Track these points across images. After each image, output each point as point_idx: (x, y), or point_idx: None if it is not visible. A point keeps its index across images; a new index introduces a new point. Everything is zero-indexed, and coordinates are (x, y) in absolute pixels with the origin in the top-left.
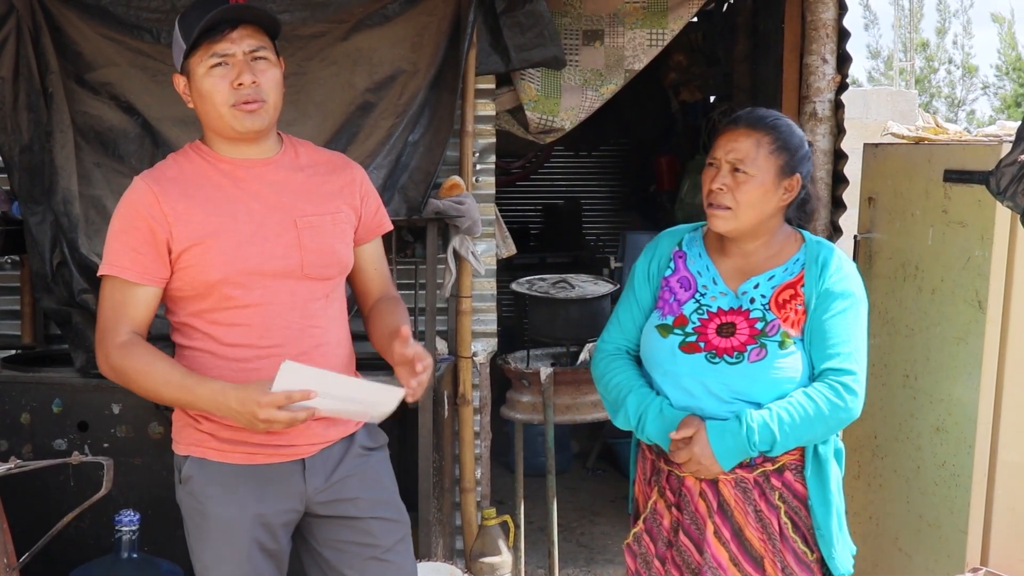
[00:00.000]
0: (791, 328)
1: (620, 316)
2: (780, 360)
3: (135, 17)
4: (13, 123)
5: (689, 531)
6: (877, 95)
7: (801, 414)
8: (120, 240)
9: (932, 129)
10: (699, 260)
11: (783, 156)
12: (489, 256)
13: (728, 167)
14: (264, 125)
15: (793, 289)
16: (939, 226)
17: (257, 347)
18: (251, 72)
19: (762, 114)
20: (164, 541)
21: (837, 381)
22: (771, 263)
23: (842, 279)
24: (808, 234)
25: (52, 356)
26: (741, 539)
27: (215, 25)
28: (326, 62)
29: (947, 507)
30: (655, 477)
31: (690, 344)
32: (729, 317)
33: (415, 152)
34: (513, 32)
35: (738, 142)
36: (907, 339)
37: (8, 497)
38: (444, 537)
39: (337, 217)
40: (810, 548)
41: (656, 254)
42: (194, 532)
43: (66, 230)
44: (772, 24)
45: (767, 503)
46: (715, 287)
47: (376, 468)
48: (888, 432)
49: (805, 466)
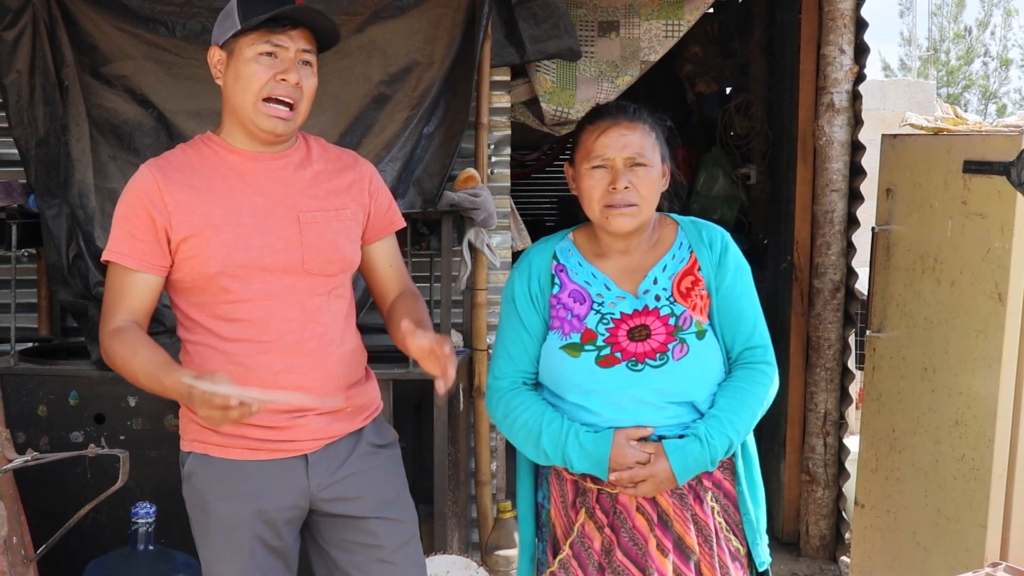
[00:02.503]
0: (700, 316)
1: (508, 347)
2: (702, 351)
3: (150, 10)
4: (29, 117)
5: (628, 549)
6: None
7: (746, 410)
8: (121, 226)
9: (951, 120)
10: (582, 269)
11: (660, 144)
12: (504, 248)
13: (624, 163)
14: (287, 132)
15: (692, 275)
16: (958, 218)
17: (256, 341)
18: (297, 73)
19: (630, 105)
20: (180, 533)
21: (760, 361)
22: (655, 254)
23: (735, 253)
24: (675, 215)
25: (69, 349)
26: (682, 548)
27: (279, 18)
28: (341, 54)
29: (966, 501)
30: (580, 498)
31: (606, 357)
32: (637, 320)
33: (430, 144)
34: (528, 23)
35: (627, 136)
36: (925, 332)
37: (25, 489)
38: (459, 530)
39: (342, 214)
40: (740, 543)
41: (533, 273)
42: (198, 528)
43: (82, 223)
44: (789, 15)
45: (702, 507)
46: (610, 293)
47: (384, 466)
48: (906, 425)
49: (735, 457)
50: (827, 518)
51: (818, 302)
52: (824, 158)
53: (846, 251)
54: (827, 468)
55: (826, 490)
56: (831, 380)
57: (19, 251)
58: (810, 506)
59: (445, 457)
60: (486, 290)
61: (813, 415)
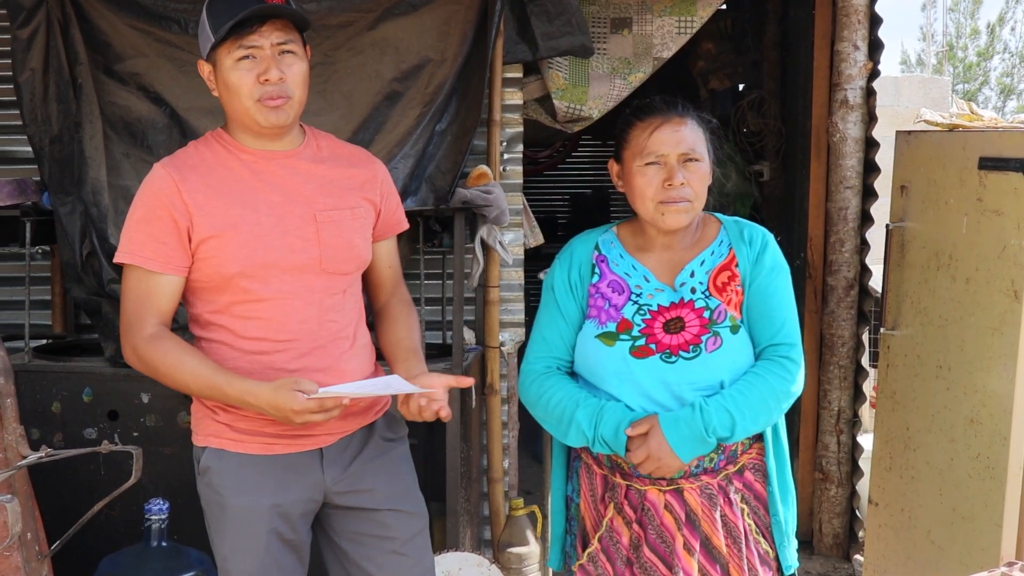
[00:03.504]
0: (734, 310)
1: (544, 333)
2: (736, 345)
3: (163, 8)
4: (43, 114)
5: (655, 546)
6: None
7: (755, 394)
8: (141, 229)
9: (967, 116)
10: (623, 261)
11: (707, 140)
12: (517, 246)
13: (678, 159)
14: (288, 120)
15: (729, 270)
16: (973, 215)
17: (273, 340)
18: (278, 67)
19: (678, 101)
20: (193, 530)
21: (784, 357)
22: (695, 249)
23: (773, 252)
24: (718, 214)
25: (82, 345)
26: (709, 548)
27: (244, 20)
28: (353, 51)
29: (981, 500)
30: (609, 493)
31: (640, 348)
32: (673, 312)
33: (442, 141)
34: (540, 20)
35: (680, 132)
36: (940, 329)
37: (39, 485)
38: (472, 527)
39: (357, 212)
40: (770, 547)
41: (574, 262)
42: (213, 523)
43: (95, 220)
44: (802, 11)
45: (731, 507)
46: (648, 285)
47: (396, 459)
48: (920, 423)
49: (767, 457)
50: (841, 516)
51: (832, 299)
52: (838, 155)
53: (860, 248)
54: (841, 466)
55: (840, 488)
56: (845, 378)
57: (33, 248)
58: (824, 504)
59: (457, 454)
60: (498, 287)
61: (827, 413)
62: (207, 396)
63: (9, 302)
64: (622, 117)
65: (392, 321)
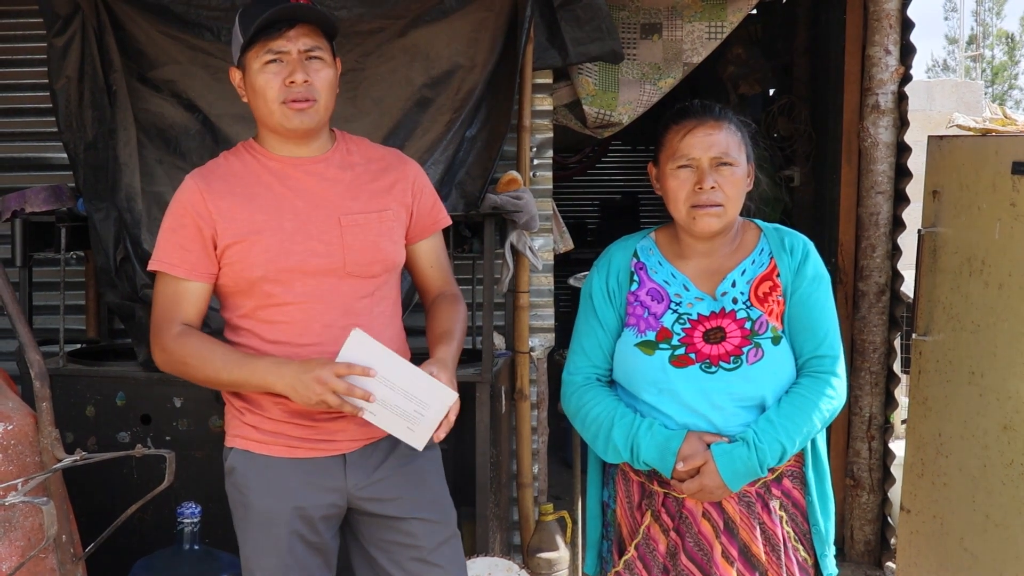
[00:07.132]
0: (775, 321)
1: (583, 343)
2: (777, 356)
3: (196, 15)
4: (78, 121)
5: (693, 554)
6: (941, 86)
7: (803, 418)
8: (168, 238)
9: (1000, 120)
10: (661, 269)
11: (746, 144)
12: (546, 251)
13: (710, 162)
14: (313, 124)
15: (771, 280)
16: (1007, 220)
17: (296, 344)
18: (304, 71)
19: (716, 104)
20: (225, 533)
21: (827, 371)
22: (736, 258)
23: (815, 262)
24: (758, 221)
25: (116, 350)
26: (747, 556)
27: (273, 22)
28: (383, 58)
29: (1015, 507)
30: (646, 500)
31: (680, 357)
32: (714, 322)
33: (472, 147)
34: (570, 26)
35: (713, 136)
36: (973, 335)
37: (74, 488)
38: (501, 532)
39: (384, 215)
40: (809, 554)
41: (612, 270)
42: (238, 522)
43: (129, 226)
44: (833, 15)
45: (770, 515)
46: (688, 293)
47: (422, 468)
48: (953, 430)
49: (806, 467)
50: (872, 523)
51: (863, 305)
52: (869, 160)
53: (891, 254)
54: (872, 473)
55: (871, 495)
56: (876, 384)
57: (67, 254)
58: (855, 511)
59: (487, 459)
60: (528, 293)
61: (858, 419)
62: (237, 382)
63: (44, 307)
64: (661, 120)
65: (432, 317)
